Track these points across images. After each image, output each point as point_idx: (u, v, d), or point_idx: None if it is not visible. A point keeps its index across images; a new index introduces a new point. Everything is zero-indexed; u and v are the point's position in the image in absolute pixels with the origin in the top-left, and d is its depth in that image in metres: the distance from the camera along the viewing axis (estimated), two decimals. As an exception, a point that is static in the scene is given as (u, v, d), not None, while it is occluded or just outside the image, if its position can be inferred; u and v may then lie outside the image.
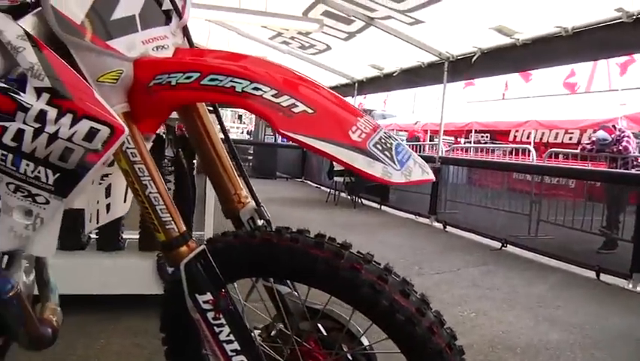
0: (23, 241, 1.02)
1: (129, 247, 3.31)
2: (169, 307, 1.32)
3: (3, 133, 0.95)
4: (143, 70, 1.08)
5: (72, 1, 1.03)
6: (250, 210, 1.36)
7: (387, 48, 8.05)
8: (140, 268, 3.08)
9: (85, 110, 0.96)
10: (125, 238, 3.33)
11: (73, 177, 0.99)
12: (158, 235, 1.17)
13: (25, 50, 0.98)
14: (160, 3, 1.18)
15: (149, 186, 1.14)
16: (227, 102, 1.05)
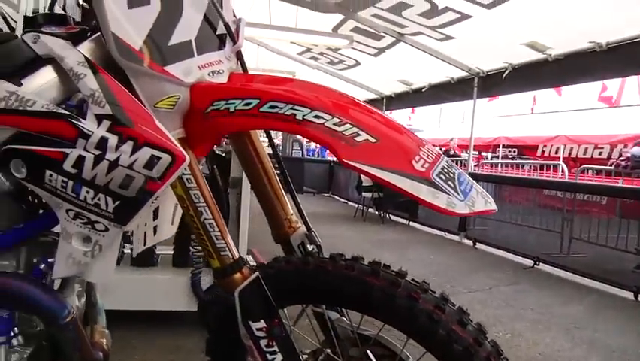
0: (81, 267, 1.01)
1: (163, 263, 3.32)
2: (218, 333, 1.30)
3: (64, 160, 0.95)
4: (200, 95, 1.07)
5: (131, 27, 1.03)
6: (301, 236, 1.36)
7: (416, 64, 8.03)
8: (174, 284, 3.09)
9: (146, 137, 0.96)
10: (159, 253, 3.34)
11: (134, 205, 0.98)
12: (211, 262, 1.17)
13: (86, 77, 0.98)
14: (214, 28, 1.18)
15: (204, 213, 1.13)
16: (286, 130, 1.04)
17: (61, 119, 0.96)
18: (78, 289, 1.16)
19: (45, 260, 1.09)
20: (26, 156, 0.98)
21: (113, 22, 1.01)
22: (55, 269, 1.02)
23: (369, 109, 1.07)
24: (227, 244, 1.16)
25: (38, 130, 0.97)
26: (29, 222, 1.09)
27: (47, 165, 0.96)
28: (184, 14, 1.10)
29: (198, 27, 1.13)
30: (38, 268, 1.09)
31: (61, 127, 0.96)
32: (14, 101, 0.97)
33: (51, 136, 0.96)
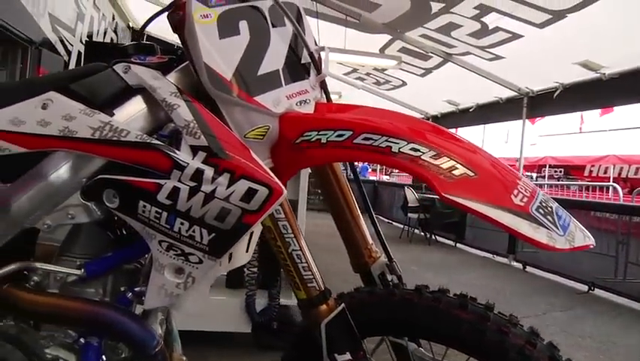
0: (173, 299, 1.01)
1: (217, 284, 3.32)
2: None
3: (158, 191, 0.95)
4: (290, 126, 1.07)
5: (222, 57, 1.03)
6: (381, 265, 1.35)
7: (463, 84, 7.97)
8: (228, 305, 3.09)
9: (243, 170, 0.94)
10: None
11: (229, 238, 0.97)
12: (298, 293, 1.16)
13: (180, 108, 0.99)
14: (298, 57, 1.17)
15: (292, 244, 1.13)
16: (380, 162, 1.03)
17: (155, 150, 0.96)
18: (160, 317, 1.16)
19: (132, 289, 1.10)
20: (119, 186, 0.98)
21: (205, 53, 1.01)
22: (147, 300, 1.02)
23: (462, 140, 1.06)
24: (313, 276, 1.15)
25: (132, 161, 0.98)
26: (118, 251, 1.10)
27: (141, 196, 0.96)
28: (271, 44, 1.11)
29: (285, 56, 1.13)
30: (125, 296, 1.09)
31: (156, 158, 0.96)
32: (108, 132, 0.98)
33: (145, 167, 0.97)
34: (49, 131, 1.00)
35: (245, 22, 1.07)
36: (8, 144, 1.01)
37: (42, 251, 1.06)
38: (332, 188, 1.34)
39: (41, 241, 1.06)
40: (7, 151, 1.01)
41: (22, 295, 1.04)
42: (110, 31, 9.73)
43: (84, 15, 8.31)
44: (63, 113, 1.01)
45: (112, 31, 9.80)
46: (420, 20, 6.33)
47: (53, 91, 1.04)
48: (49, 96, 1.04)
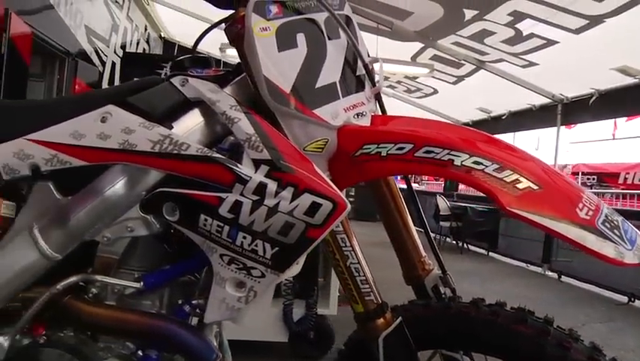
0: (234, 313, 1.00)
1: (253, 294, 3.33)
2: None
3: (219, 204, 0.95)
4: (349, 139, 1.05)
5: (281, 70, 1.03)
6: (434, 278, 1.33)
7: (496, 91, 7.89)
8: (266, 315, 3.09)
9: (307, 183, 0.94)
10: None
11: (293, 252, 0.96)
12: (355, 306, 1.15)
13: (241, 121, 0.98)
14: (353, 69, 1.17)
15: (350, 257, 1.12)
16: (441, 176, 1.01)
17: (217, 163, 0.96)
18: (215, 330, 1.16)
19: (189, 301, 1.09)
20: (179, 200, 0.98)
21: (265, 66, 1.01)
22: (208, 314, 1.02)
23: (521, 151, 1.05)
24: (371, 289, 1.14)
25: (192, 174, 0.97)
26: (176, 264, 1.10)
27: (202, 210, 0.96)
28: (328, 56, 1.10)
29: (341, 69, 1.12)
30: (182, 309, 1.09)
31: (217, 171, 0.96)
32: (168, 145, 0.98)
33: (206, 180, 0.96)
34: (108, 144, 1.01)
35: (302, 35, 1.07)
36: (69, 157, 1.02)
37: (101, 264, 1.07)
38: (386, 200, 1.33)
39: (100, 254, 1.06)
40: (68, 164, 1.02)
41: (83, 308, 1.05)
42: (143, 41, 9.90)
43: (118, 26, 8.47)
44: (122, 127, 1.02)
45: (144, 41, 9.98)
46: (452, 28, 6.29)
47: (112, 104, 1.05)
48: (108, 110, 1.05)
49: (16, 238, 1.05)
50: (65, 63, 6.59)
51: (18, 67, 4.97)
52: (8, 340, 1.04)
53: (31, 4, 5.53)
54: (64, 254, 1.04)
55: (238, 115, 0.99)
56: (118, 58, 8.49)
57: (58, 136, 1.04)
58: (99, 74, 7.85)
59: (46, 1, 5.85)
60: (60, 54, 6.44)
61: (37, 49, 5.56)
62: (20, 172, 1.04)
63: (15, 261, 1.04)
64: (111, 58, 8.27)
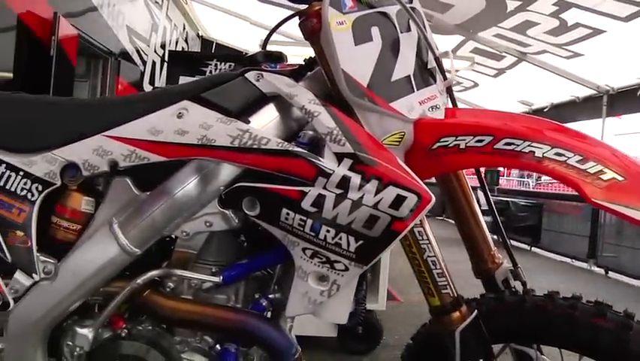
0: (316, 306, 1.01)
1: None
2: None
3: (302, 198, 0.95)
4: (426, 131, 1.05)
5: (358, 64, 1.03)
6: (505, 271, 1.32)
7: (538, 83, 7.72)
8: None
9: (391, 176, 0.94)
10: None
11: (377, 245, 0.96)
12: (431, 299, 1.14)
13: (321, 115, 0.98)
14: (424, 62, 1.16)
15: (427, 250, 1.12)
16: (523, 168, 1.00)
17: (298, 157, 0.97)
18: (290, 324, 1.16)
19: (266, 295, 1.10)
20: (260, 194, 0.99)
21: (342, 60, 1.01)
22: (290, 307, 1.02)
23: (602, 143, 1.03)
24: (448, 282, 1.13)
25: (273, 168, 0.98)
26: (253, 259, 1.11)
27: (284, 204, 0.97)
28: (401, 49, 1.10)
29: (414, 62, 1.12)
30: (260, 303, 1.10)
31: (299, 166, 0.96)
32: (248, 140, 0.99)
33: (287, 174, 0.97)
34: (186, 139, 1.02)
35: (376, 28, 1.07)
36: (147, 152, 1.04)
37: (178, 258, 1.08)
38: (456, 194, 1.32)
39: (179, 249, 1.08)
40: (147, 160, 1.04)
41: (163, 302, 1.07)
42: (182, 40, 10.01)
43: (158, 26, 8.58)
44: (200, 122, 1.03)
45: (183, 40, 10.08)
46: (494, 20, 6.18)
47: (187, 100, 1.06)
48: (184, 105, 1.06)
49: (97, 234, 1.07)
50: (108, 63, 6.72)
51: (65, 68, 5.09)
52: (92, 332, 1.06)
53: (77, 7, 5.64)
54: (143, 249, 1.06)
55: (318, 109, 0.99)
56: (158, 57, 8.61)
57: (136, 132, 1.05)
58: (140, 74, 7.97)
59: (90, 3, 5.96)
60: (103, 54, 6.57)
61: (82, 50, 5.68)
62: (99, 168, 1.06)
63: (96, 256, 1.06)
64: (151, 57, 8.38)
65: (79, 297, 1.07)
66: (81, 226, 1.09)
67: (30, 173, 1.07)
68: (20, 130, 1.10)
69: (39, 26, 4.71)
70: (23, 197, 1.07)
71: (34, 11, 4.64)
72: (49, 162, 1.07)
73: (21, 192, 1.07)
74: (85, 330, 1.07)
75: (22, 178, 1.07)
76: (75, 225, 1.08)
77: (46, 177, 1.07)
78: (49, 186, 1.07)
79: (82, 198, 1.09)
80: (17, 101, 1.15)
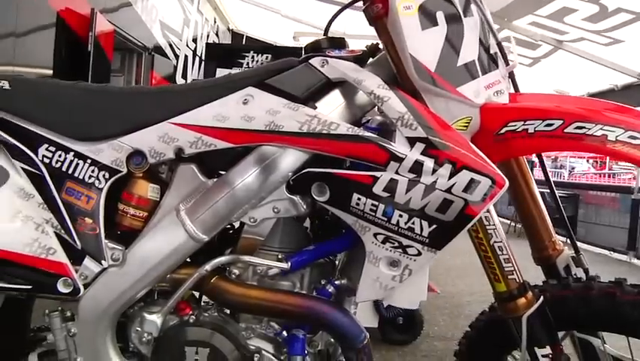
0: (388, 292, 1.01)
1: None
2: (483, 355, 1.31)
3: (373, 183, 0.95)
4: (493, 116, 1.04)
5: (425, 48, 1.02)
6: (566, 258, 1.30)
7: (574, 72, 7.57)
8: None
9: (464, 160, 0.93)
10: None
11: (451, 229, 0.96)
12: (497, 285, 1.14)
13: (391, 100, 0.98)
14: (486, 47, 1.14)
15: (494, 235, 1.11)
16: (594, 151, 0.99)
17: (370, 142, 0.97)
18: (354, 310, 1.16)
19: (332, 282, 1.10)
20: (329, 180, 0.99)
21: (410, 45, 1.01)
22: (360, 293, 1.02)
23: None
24: (514, 268, 1.12)
25: (344, 153, 0.98)
26: (320, 245, 1.11)
27: (354, 189, 0.96)
28: (465, 34, 1.08)
29: (478, 46, 1.10)
30: (326, 289, 1.09)
31: (371, 150, 0.96)
32: (317, 125, 0.99)
33: (358, 159, 0.97)
34: (254, 125, 1.02)
35: (441, 13, 1.06)
36: (214, 139, 1.04)
37: (245, 244, 1.08)
38: (517, 180, 1.30)
39: (246, 235, 1.08)
40: (213, 146, 1.04)
41: (233, 288, 1.07)
42: (212, 34, 10.05)
43: (189, 20, 8.64)
44: (266, 108, 1.03)
45: (214, 34, 10.12)
46: (530, 7, 6.07)
47: (251, 87, 1.06)
48: (249, 92, 1.06)
49: (164, 221, 1.08)
50: (142, 57, 6.79)
51: (102, 63, 5.16)
52: (160, 318, 1.07)
53: (112, 3, 5.71)
54: (211, 236, 1.06)
55: (387, 93, 0.99)
56: (190, 51, 8.67)
57: (201, 119, 1.06)
58: (174, 68, 8.05)
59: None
60: (138, 49, 6.65)
61: (118, 45, 5.75)
62: (165, 155, 1.07)
63: (164, 243, 1.07)
64: (184, 51, 8.45)
65: (147, 284, 1.09)
66: (147, 213, 1.09)
67: (97, 161, 1.08)
68: (87, 119, 1.11)
69: (77, 23, 4.78)
70: (91, 184, 1.09)
71: (73, 8, 4.71)
72: (115, 149, 1.08)
73: (89, 179, 1.09)
74: (153, 316, 1.08)
75: (90, 166, 1.09)
76: (141, 212, 1.09)
77: (113, 165, 1.08)
78: (116, 173, 1.08)
79: (148, 185, 1.09)
80: (83, 90, 1.17)
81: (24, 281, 1.06)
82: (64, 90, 1.15)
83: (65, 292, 1.06)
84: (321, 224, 1.17)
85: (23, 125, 1.10)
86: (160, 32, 7.36)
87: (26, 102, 1.12)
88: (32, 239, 1.05)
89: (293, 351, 1.07)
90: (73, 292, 1.07)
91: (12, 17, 3.90)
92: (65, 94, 1.15)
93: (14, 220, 1.06)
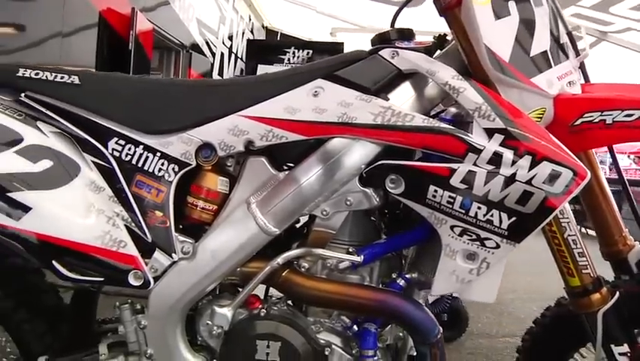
0: (464, 285, 1.00)
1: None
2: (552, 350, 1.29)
3: (450, 175, 0.94)
4: (567, 107, 1.02)
5: (498, 39, 1.01)
6: (638, 253, 1.25)
7: (619, 64, 7.40)
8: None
9: (544, 152, 0.92)
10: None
11: (531, 222, 0.94)
12: (570, 280, 1.12)
13: (467, 91, 0.97)
14: (557, 37, 1.12)
15: (567, 229, 1.10)
16: None
17: (446, 134, 0.95)
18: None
19: (402, 275, 1.09)
20: (404, 172, 0.98)
21: (485, 35, 0.99)
22: (436, 286, 1.01)
23: None
24: (588, 262, 1.11)
25: (419, 145, 0.97)
26: (393, 237, 1.10)
27: (431, 181, 0.95)
28: (537, 24, 1.06)
29: (549, 37, 1.08)
30: (397, 283, 1.08)
31: (447, 142, 0.95)
32: (391, 117, 0.98)
33: (434, 151, 0.96)
34: (326, 118, 1.01)
35: (513, 3, 1.04)
36: (285, 131, 1.03)
37: (316, 237, 1.07)
38: None
39: (317, 228, 1.07)
40: (285, 139, 1.04)
41: (305, 282, 1.07)
42: (247, 31, 10.09)
43: (225, 18, 8.69)
44: (338, 100, 1.02)
45: (249, 31, 10.16)
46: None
47: (320, 79, 1.06)
48: (319, 84, 1.05)
49: (235, 214, 1.07)
50: (180, 55, 6.86)
51: (142, 61, 5.23)
52: (231, 312, 1.07)
53: (151, 2, 5.77)
54: (282, 229, 1.06)
55: (463, 84, 0.97)
56: (226, 48, 8.73)
57: (272, 111, 1.05)
58: (210, 65, 8.11)
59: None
60: (175, 47, 6.72)
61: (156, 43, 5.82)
62: (235, 148, 1.07)
63: (235, 237, 1.07)
64: (220, 49, 8.50)
65: (217, 277, 1.08)
66: (216, 206, 1.09)
67: (167, 154, 1.09)
68: (156, 112, 1.12)
69: (118, 22, 4.85)
70: (161, 177, 1.09)
71: (114, 7, 4.78)
72: (185, 142, 1.08)
73: (158, 172, 1.09)
74: (224, 310, 1.08)
75: (160, 159, 1.09)
76: (211, 205, 1.09)
77: (182, 158, 1.08)
78: (185, 166, 1.08)
79: (217, 178, 1.09)
80: (151, 84, 1.17)
81: (96, 273, 1.07)
82: (132, 84, 1.17)
83: (136, 284, 1.07)
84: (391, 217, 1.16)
85: (93, 119, 1.11)
86: (197, 30, 7.42)
87: (96, 96, 1.12)
88: (104, 232, 1.06)
89: (365, 345, 1.06)
90: (144, 285, 1.07)
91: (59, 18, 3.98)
92: (134, 88, 1.15)
93: (86, 213, 1.06)
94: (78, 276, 1.07)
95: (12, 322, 1.21)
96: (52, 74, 1.11)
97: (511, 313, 3.50)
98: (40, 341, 1.21)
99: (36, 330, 1.21)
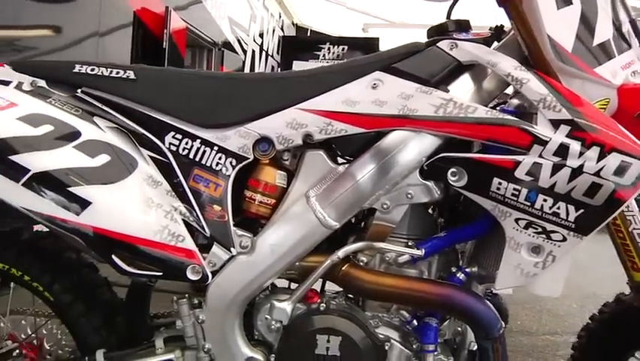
0: (529, 279, 0.98)
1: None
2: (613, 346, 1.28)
3: (515, 167, 0.92)
4: (633, 98, 1.00)
5: (561, 28, 0.99)
6: None
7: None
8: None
9: (613, 143, 0.89)
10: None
11: (599, 214, 0.92)
12: (635, 275, 1.10)
13: (531, 82, 0.95)
14: (619, 26, 1.09)
15: (633, 222, 1.08)
16: None
17: (510, 125, 0.94)
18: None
19: (462, 269, 1.07)
20: (467, 164, 0.96)
21: (547, 25, 0.98)
22: (500, 280, 0.99)
23: None
24: None
25: (482, 137, 0.96)
26: (454, 231, 1.08)
27: (495, 173, 0.94)
28: (599, 12, 1.04)
29: (611, 25, 1.05)
30: (456, 277, 1.07)
31: (512, 134, 0.93)
32: (453, 108, 0.96)
33: (498, 143, 0.94)
34: (386, 110, 1.00)
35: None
36: (344, 124, 1.03)
37: (376, 231, 1.06)
38: None
39: (377, 221, 1.06)
40: (344, 132, 1.03)
41: (366, 276, 1.06)
42: (278, 28, 10.14)
43: (256, 15, 8.74)
44: (397, 92, 1.01)
45: (279, 28, 10.21)
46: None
47: (379, 71, 1.05)
48: (377, 76, 1.05)
49: (294, 208, 1.07)
50: (212, 53, 6.92)
51: (176, 59, 5.29)
52: (290, 306, 1.07)
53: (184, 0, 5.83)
54: (342, 222, 1.05)
55: (526, 75, 0.96)
56: (257, 46, 8.78)
57: (331, 104, 1.04)
58: (242, 63, 8.17)
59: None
60: (208, 45, 6.78)
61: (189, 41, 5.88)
62: (293, 141, 1.06)
63: (294, 230, 1.06)
64: (251, 46, 8.56)
65: (276, 272, 1.08)
66: (275, 199, 1.09)
67: (224, 148, 1.09)
68: (213, 106, 1.12)
69: (152, 21, 4.91)
70: (218, 171, 1.09)
71: (148, 7, 4.84)
72: (242, 136, 1.08)
73: (216, 166, 1.09)
74: (284, 304, 1.07)
75: (217, 153, 1.09)
76: (269, 199, 1.09)
77: (240, 152, 1.08)
78: (243, 160, 1.08)
79: (275, 171, 1.09)
80: (206, 78, 1.18)
81: (154, 268, 1.07)
82: (187, 78, 1.16)
83: (194, 279, 1.07)
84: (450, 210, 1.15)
85: (149, 114, 1.11)
86: (229, 28, 7.48)
87: (152, 91, 1.13)
88: (162, 226, 1.06)
89: (426, 340, 1.05)
90: (202, 280, 1.07)
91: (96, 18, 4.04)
92: (190, 82, 1.16)
93: (144, 208, 1.07)
94: (137, 270, 1.07)
95: (69, 316, 1.23)
96: (108, 70, 1.12)
97: (550, 310, 3.44)
98: (96, 334, 1.22)
99: (92, 324, 1.22)
